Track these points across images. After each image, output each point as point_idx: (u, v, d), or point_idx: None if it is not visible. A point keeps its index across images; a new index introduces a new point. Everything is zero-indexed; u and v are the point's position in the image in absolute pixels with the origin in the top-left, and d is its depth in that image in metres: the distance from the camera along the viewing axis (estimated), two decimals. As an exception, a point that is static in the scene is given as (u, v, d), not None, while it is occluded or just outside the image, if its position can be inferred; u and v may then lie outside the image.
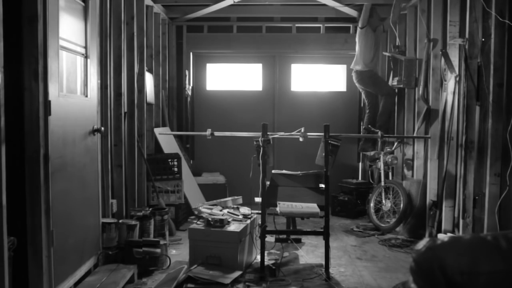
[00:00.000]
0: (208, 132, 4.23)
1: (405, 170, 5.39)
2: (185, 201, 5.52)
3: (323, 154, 3.86)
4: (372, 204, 5.27)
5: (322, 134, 3.91)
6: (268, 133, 3.89)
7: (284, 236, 4.55)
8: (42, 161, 2.68)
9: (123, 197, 4.28)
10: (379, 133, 4.39)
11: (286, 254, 4.22)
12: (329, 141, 3.87)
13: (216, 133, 4.27)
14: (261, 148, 3.81)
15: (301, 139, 4.12)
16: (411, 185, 5.06)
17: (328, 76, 6.86)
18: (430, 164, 4.62)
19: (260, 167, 3.83)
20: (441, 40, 4.53)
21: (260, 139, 3.84)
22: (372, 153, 5.66)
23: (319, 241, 4.42)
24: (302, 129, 4.10)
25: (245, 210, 4.32)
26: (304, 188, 4.37)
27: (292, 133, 4.14)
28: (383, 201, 5.15)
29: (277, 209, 4.10)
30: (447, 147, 4.20)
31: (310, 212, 4.08)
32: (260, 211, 3.92)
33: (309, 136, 4.12)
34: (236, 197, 4.75)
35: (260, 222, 3.91)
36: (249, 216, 4.12)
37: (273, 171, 4.57)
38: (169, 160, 5.35)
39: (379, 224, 5.10)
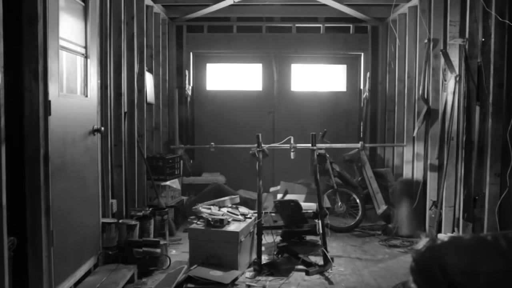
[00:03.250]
0: (212, 144, 4.39)
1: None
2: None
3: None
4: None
5: (309, 145, 4.10)
6: (262, 144, 4.13)
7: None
8: (42, 161, 2.68)
9: (123, 197, 4.27)
10: (360, 143, 4.41)
11: (286, 254, 4.21)
12: (316, 151, 4.19)
13: (218, 146, 4.41)
14: (258, 159, 4.07)
15: (292, 156, 4.51)
16: (400, 184, 5.08)
17: (328, 76, 6.86)
18: (430, 164, 4.62)
19: (258, 177, 4.03)
20: (441, 40, 4.53)
21: (255, 150, 4.07)
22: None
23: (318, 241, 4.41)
24: (292, 140, 4.32)
25: (244, 209, 4.33)
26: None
27: (282, 144, 4.58)
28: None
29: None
30: (447, 147, 4.20)
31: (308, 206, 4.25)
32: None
33: (298, 147, 4.56)
34: (233, 197, 4.76)
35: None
36: (249, 216, 4.12)
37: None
38: (170, 160, 5.34)
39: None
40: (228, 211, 4.15)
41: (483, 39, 3.68)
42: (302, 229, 4.18)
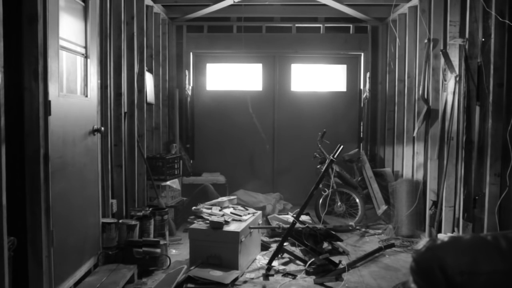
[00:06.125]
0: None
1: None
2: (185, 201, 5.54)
3: None
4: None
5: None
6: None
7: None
8: (42, 161, 2.68)
9: (123, 197, 4.27)
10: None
11: (285, 254, 4.21)
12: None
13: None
14: None
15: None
16: (400, 184, 5.09)
17: (328, 76, 6.86)
18: (430, 164, 4.62)
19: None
20: (441, 40, 4.53)
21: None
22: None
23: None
24: None
25: (245, 209, 4.37)
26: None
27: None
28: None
29: None
30: (447, 147, 4.20)
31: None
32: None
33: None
34: (231, 197, 4.77)
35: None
36: (254, 213, 4.17)
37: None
38: (170, 160, 5.34)
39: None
40: (231, 212, 4.15)
41: (483, 39, 3.68)
42: (323, 252, 4.05)
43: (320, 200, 5.39)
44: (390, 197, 5.31)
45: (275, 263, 3.94)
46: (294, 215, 4.21)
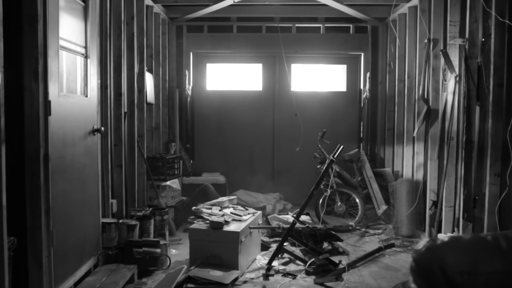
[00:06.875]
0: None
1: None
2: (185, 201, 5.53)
3: None
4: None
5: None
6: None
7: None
8: (42, 161, 2.68)
9: (123, 197, 4.27)
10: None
11: (285, 254, 4.21)
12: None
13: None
14: None
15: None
16: (400, 184, 5.09)
17: (328, 76, 6.86)
18: (430, 164, 4.62)
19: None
20: (441, 40, 4.53)
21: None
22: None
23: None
24: None
25: (244, 209, 4.36)
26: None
27: None
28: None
29: None
30: (447, 147, 4.20)
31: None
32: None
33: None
34: (231, 197, 4.77)
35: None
36: (254, 213, 4.17)
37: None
38: (170, 160, 5.34)
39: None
40: (231, 212, 4.15)
41: (483, 39, 3.68)
42: (323, 251, 4.04)
43: (320, 200, 5.39)
44: (390, 197, 5.31)
45: (275, 263, 3.94)
46: (294, 215, 4.21)
